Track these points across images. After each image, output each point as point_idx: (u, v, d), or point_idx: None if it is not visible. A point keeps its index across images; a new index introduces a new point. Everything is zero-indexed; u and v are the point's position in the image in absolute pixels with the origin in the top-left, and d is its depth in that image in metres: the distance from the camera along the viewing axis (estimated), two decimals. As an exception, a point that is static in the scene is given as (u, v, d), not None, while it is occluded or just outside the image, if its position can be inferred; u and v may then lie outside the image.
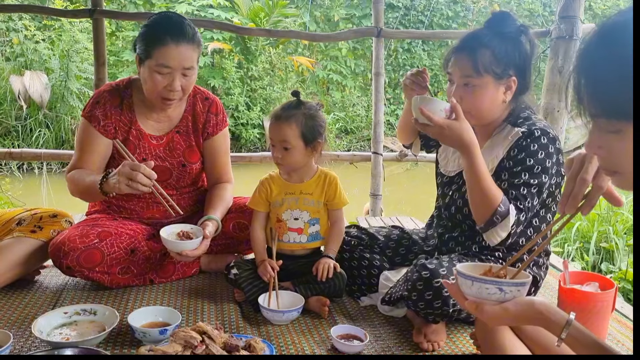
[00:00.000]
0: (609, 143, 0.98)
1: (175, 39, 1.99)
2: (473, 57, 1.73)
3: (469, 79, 1.74)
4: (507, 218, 1.64)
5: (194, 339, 1.53)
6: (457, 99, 1.75)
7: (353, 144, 10.01)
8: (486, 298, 1.18)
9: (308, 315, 1.95)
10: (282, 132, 1.96)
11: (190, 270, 2.27)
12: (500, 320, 1.21)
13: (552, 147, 1.71)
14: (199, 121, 2.26)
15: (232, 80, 9.21)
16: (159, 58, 1.99)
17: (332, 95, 10.50)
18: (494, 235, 1.68)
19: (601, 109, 0.96)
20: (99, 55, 3.28)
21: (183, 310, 1.95)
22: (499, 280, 1.18)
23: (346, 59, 10.68)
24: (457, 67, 1.77)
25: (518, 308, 1.17)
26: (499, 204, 1.64)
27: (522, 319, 1.18)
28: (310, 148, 1.99)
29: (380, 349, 1.75)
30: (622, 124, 0.94)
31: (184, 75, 2.04)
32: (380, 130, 3.73)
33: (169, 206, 1.99)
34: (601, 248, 3.49)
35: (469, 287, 1.20)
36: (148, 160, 2.15)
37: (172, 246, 1.96)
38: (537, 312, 1.15)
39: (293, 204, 2.06)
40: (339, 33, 4.66)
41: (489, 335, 1.44)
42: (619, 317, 2.03)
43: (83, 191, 2.07)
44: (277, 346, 1.73)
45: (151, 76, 2.02)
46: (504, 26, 1.76)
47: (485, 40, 1.74)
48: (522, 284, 1.18)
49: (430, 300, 1.67)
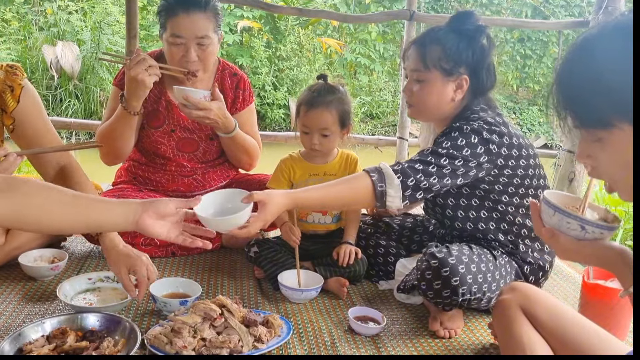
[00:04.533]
0: (595, 152, 0.98)
1: (185, 8, 2.00)
2: (423, 51, 1.74)
3: (418, 73, 1.76)
4: (382, 174, 1.65)
5: (213, 311, 1.55)
6: (408, 93, 1.80)
7: (378, 129, 9.93)
8: (565, 232, 1.15)
9: (326, 295, 1.96)
10: (322, 119, 1.95)
11: (212, 245, 2.29)
12: (572, 254, 1.19)
13: (475, 137, 1.67)
14: (227, 96, 2.26)
15: (260, 60, 9.19)
16: (172, 28, 2.02)
17: (359, 79, 10.41)
18: (393, 201, 1.65)
19: (578, 119, 0.99)
20: (131, 27, 3.30)
21: (203, 284, 1.98)
22: (583, 218, 1.13)
23: (375, 42, 10.56)
24: (410, 61, 1.79)
25: (595, 249, 1.14)
26: (365, 178, 1.67)
27: (595, 260, 1.16)
28: (344, 132, 2.01)
29: (396, 332, 1.75)
30: (601, 133, 0.94)
31: (199, 45, 2.04)
32: (407, 116, 3.70)
33: (183, 74, 2.05)
34: (626, 246, 3.43)
35: (550, 216, 1.17)
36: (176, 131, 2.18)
37: (177, 93, 1.98)
38: (617, 254, 1.12)
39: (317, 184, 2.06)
40: (371, 15, 4.61)
41: (506, 326, 1.44)
42: (641, 315, 2.00)
43: (111, 131, 2.08)
44: (295, 324, 1.74)
45: (168, 48, 2.05)
46: (463, 24, 1.76)
47: (439, 36, 1.75)
48: (608, 227, 1.13)
49: (439, 289, 1.67)
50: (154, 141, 2.20)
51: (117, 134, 2.09)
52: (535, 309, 1.42)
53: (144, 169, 2.28)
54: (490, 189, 1.78)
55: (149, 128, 2.19)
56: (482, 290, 1.68)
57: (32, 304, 1.75)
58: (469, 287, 1.65)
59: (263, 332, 1.58)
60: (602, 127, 0.96)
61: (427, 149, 1.73)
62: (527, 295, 1.44)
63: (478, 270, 1.68)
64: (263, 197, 1.53)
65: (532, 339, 1.39)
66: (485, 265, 1.71)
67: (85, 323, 1.55)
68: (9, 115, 1.87)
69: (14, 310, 1.71)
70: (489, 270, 1.71)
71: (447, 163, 1.67)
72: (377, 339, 1.70)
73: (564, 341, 1.36)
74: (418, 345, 1.69)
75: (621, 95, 0.92)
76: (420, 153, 1.73)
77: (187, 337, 1.50)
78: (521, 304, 1.44)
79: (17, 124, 1.89)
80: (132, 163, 2.31)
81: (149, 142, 2.21)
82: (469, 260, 1.67)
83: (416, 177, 1.66)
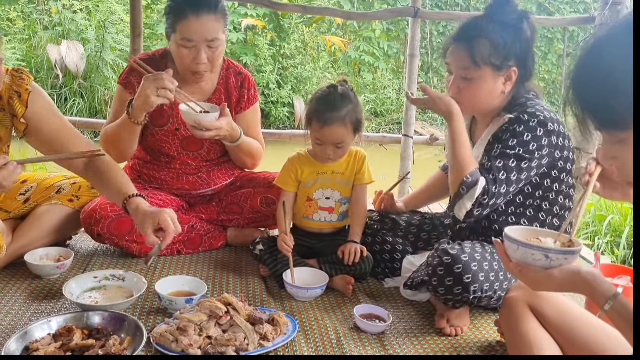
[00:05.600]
0: (620, 154, 0.97)
1: (195, 11, 1.99)
2: (470, 48, 1.69)
3: (467, 71, 1.71)
4: (474, 189, 1.63)
5: (219, 309, 1.55)
6: (455, 90, 1.75)
7: (382, 126, 9.91)
8: (531, 263, 1.17)
9: (332, 293, 1.96)
10: (338, 134, 1.93)
11: (217, 243, 2.30)
12: (542, 285, 1.20)
13: (540, 129, 1.66)
14: (232, 95, 2.26)
15: (263, 58, 9.18)
16: (182, 32, 2.01)
17: (363, 77, 10.38)
18: (460, 208, 1.68)
19: (598, 122, 0.97)
20: (135, 25, 3.30)
21: (209, 281, 1.98)
22: (546, 247, 1.16)
23: (379, 40, 10.53)
24: (455, 58, 1.74)
25: (563, 275, 1.15)
26: (467, 174, 1.64)
27: (566, 286, 1.17)
28: (357, 135, 2.00)
29: (402, 330, 1.75)
30: (624, 134, 0.93)
31: (209, 47, 2.04)
32: (412, 113, 3.69)
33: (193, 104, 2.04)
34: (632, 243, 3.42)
35: (514, 250, 1.20)
36: (180, 129, 2.18)
37: (187, 117, 1.99)
38: (582, 280, 1.14)
39: (325, 183, 2.07)
40: (375, 12, 4.57)
41: (513, 323, 1.44)
42: (649, 313, 1.99)
43: (115, 135, 2.08)
44: (300, 321, 1.74)
45: (178, 50, 2.05)
46: (504, 13, 1.70)
47: (484, 30, 1.69)
48: (571, 252, 1.16)
49: (450, 286, 1.66)
50: (159, 139, 2.20)
51: (121, 138, 2.10)
52: (542, 306, 1.41)
53: (149, 167, 2.28)
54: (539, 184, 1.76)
55: (153, 127, 2.18)
56: (493, 288, 1.67)
57: (38, 302, 1.75)
58: (481, 285, 1.64)
59: (269, 330, 1.58)
60: (623, 129, 0.94)
61: (495, 150, 1.70)
62: (534, 292, 1.43)
63: (490, 268, 1.67)
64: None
65: (538, 336, 1.38)
66: (498, 264, 1.70)
67: (91, 321, 1.55)
68: (19, 121, 1.88)
69: (20, 308, 1.71)
70: (501, 269, 1.70)
71: (513, 165, 1.66)
72: (383, 336, 1.70)
73: (571, 338, 1.35)
74: (424, 342, 1.69)
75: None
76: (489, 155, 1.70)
77: (192, 335, 1.50)
78: (528, 301, 1.43)
79: (30, 128, 1.89)
80: (137, 161, 2.31)
81: (154, 140, 2.21)
82: (481, 258, 1.67)
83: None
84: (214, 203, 2.32)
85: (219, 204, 2.31)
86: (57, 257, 1.99)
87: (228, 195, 2.32)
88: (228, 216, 2.29)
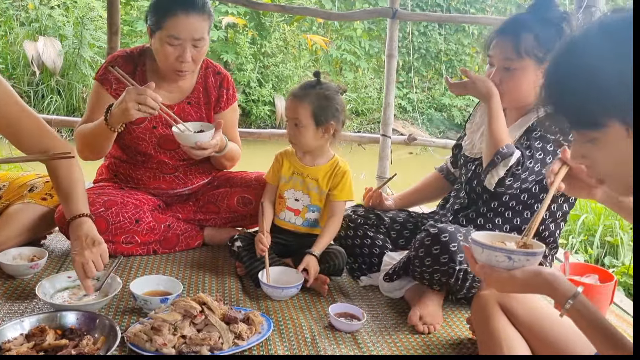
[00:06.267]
0: (590, 153, 1.00)
1: (185, 10, 1.99)
2: (516, 40, 1.75)
3: (510, 62, 1.78)
4: (509, 159, 1.71)
5: (193, 308, 1.56)
6: (497, 81, 1.80)
7: (363, 125, 9.96)
8: (495, 265, 1.21)
9: (307, 292, 1.97)
10: (295, 109, 1.98)
11: (193, 243, 2.29)
12: (506, 286, 1.23)
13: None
14: (211, 95, 2.27)
15: (245, 56, 9.16)
16: (169, 29, 2.00)
17: (345, 76, 10.41)
18: (492, 176, 1.74)
19: (571, 121, 1.00)
20: (112, 23, 3.28)
21: (185, 281, 1.98)
22: (508, 249, 1.20)
23: (361, 39, 10.57)
24: (499, 50, 1.80)
25: (525, 276, 1.18)
26: (504, 145, 1.72)
27: (529, 286, 1.20)
28: (322, 130, 1.98)
29: (377, 328, 1.77)
30: (595, 133, 0.96)
31: (194, 47, 2.04)
32: (391, 113, 3.71)
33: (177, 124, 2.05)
34: (606, 242, 3.49)
35: (479, 253, 1.23)
36: (158, 128, 2.17)
37: (185, 139, 2.00)
38: (544, 281, 1.17)
39: (298, 184, 2.08)
40: (354, 12, 4.60)
41: (484, 321, 1.46)
42: (618, 311, 2.04)
43: (90, 137, 2.06)
44: (276, 320, 1.75)
45: (162, 48, 2.04)
46: (547, 11, 1.78)
47: (529, 25, 1.76)
48: (533, 254, 1.20)
49: (437, 255, 1.70)
50: (135, 137, 2.19)
51: (96, 141, 2.09)
52: (513, 304, 1.44)
53: (125, 166, 2.27)
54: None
55: (130, 124, 2.17)
56: None
57: (11, 303, 1.74)
58: (465, 259, 1.68)
59: (244, 329, 1.59)
60: (595, 128, 0.97)
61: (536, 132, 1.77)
62: None
63: None
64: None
65: (509, 334, 1.41)
66: None
67: (64, 321, 1.55)
68: None
69: (-7, 308, 1.70)
70: None
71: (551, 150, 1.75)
72: (357, 335, 1.72)
73: (540, 336, 1.38)
74: (397, 341, 1.71)
75: (611, 95, 0.94)
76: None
77: (167, 334, 1.50)
78: (499, 300, 1.46)
79: None
80: (113, 160, 2.30)
81: (130, 138, 2.20)
82: (466, 233, 1.72)
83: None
84: (191, 203, 2.32)
85: (196, 204, 2.31)
86: (31, 257, 1.97)
87: (205, 194, 2.32)
88: (205, 216, 2.29)
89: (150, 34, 2.09)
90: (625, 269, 3.06)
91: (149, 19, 2.08)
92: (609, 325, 1.10)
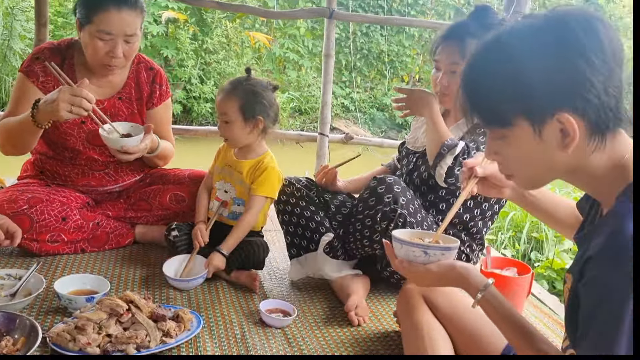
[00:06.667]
0: (501, 149, 1.07)
1: (116, 5, 1.95)
2: (461, 45, 1.83)
3: (457, 65, 1.85)
4: (454, 148, 1.79)
5: (119, 307, 1.53)
6: (445, 84, 1.88)
7: (306, 124, 10.00)
8: (413, 260, 1.26)
9: (240, 289, 1.98)
10: (223, 104, 1.98)
11: (124, 241, 2.24)
12: (423, 280, 1.29)
13: None
14: (143, 90, 2.23)
15: (185, 52, 9.02)
16: (100, 24, 1.95)
17: (288, 74, 10.42)
18: (442, 167, 1.81)
19: (483, 120, 1.06)
20: (40, 14, 3.15)
21: (114, 279, 1.95)
22: (424, 245, 1.26)
23: (304, 38, 10.61)
24: (445, 55, 1.88)
25: (440, 269, 1.25)
26: (448, 138, 1.81)
27: (443, 280, 1.27)
28: (250, 125, 1.99)
29: (307, 323, 1.80)
30: (504, 131, 1.03)
31: (126, 42, 2.01)
32: (328, 112, 3.74)
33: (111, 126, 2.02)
34: (532, 238, 3.66)
35: (398, 249, 1.28)
36: (87, 122, 2.12)
37: (111, 142, 1.97)
38: (457, 274, 1.23)
39: (227, 176, 2.09)
40: (292, 11, 4.62)
41: (408, 313, 1.51)
42: (536, 302, 2.15)
43: (13, 132, 1.99)
44: (206, 317, 1.75)
45: (92, 42, 1.99)
46: (487, 18, 1.85)
47: (472, 30, 1.83)
48: (447, 248, 1.26)
49: (381, 194, 1.80)
50: (63, 132, 2.12)
51: (20, 137, 2.01)
52: (436, 297, 1.50)
53: (52, 162, 2.19)
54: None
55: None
56: (416, 217, 1.81)
57: None
58: (407, 204, 1.79)
59: (172, 327, 1.58)
60: (504, 126, 1.03)
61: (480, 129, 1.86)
62: None
63: (412, 198, 1.84)
64: None
65: (431, 325, 1.47)
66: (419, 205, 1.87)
67: (-18, 322, 1.49)
68: None
69: None
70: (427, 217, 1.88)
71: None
72: (288, 330, 1.74)
73: (460, 327, 1.45)
74: (327, 335, 1.74)
75: (518, 95, 0.99)
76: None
77: (91, 333, 1.47)
78: (423, 293, 1.52)
79: None
80: (39, 157, 2.22)
81: (57, 133, 2.12)
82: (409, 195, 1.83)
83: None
84: (121, 200, 2.27)
85: (127, 201, 2.26)
86: None
87: (137, 192, 2.28)
88: (136, 213, 2.25)
89: (79, 27, 2.04)
90: (549, 263, 3.23)
91: (77, 11, 2.02)
92: (516, 315, 1.17)
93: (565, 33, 0.96)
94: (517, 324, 1.15)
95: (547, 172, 1.06)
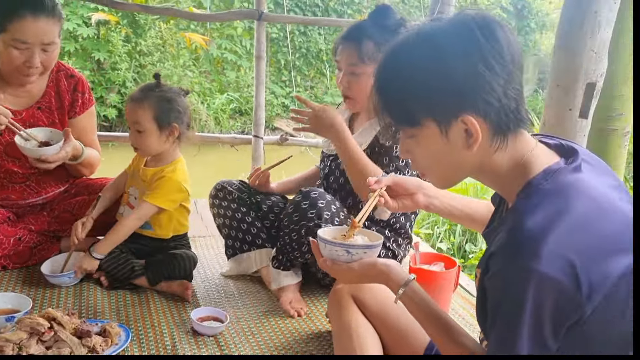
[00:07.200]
0: (411, 147, 1.11)
1: (33, 12, 1.88)
2: (358, 46, 1.84)
3: (355, 67, 1.86)
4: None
5: (40, 325, 1.49)
6: (345, 85, 1.89)
7: (247, 125, 9.92)
8: (337, 259, 1.27)
9: (172, 298, 1.96)
10: (134, 113, 1.92)
11: (49, 255, 2.15)
12: (346, 277, 1.31)
13: None
14: (64, 99, 2.16)
15: (119, 55, 8.76)
16: (14, 33, 1.88)
17: (227, 75, 10.32)
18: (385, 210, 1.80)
19: (394, 119, 1.10)
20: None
21: (37, 297, 1.88)
22: (347, 244, 1.27)
23: (241, 38, 10.53)
24: (344, 56, 1.88)
25: (362, 267, 1.26)
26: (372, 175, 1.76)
27: (366, 277, 1.28)
28: (165, 133, 1.95)
29: (240, 329, 1.80)
30: (413, 130, 1.07)
31: (44, 51, 1.94)
32: (262, 114, 3.71)
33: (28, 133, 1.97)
34: (467, 230, 3.78)
35: (323, 249, 1.29)
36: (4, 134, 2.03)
37: (29, 152, 1.92)
38: (379, 271, 1.25)
39: (136, 182, 2.06)
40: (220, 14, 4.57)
41: (338, 312, 1.53)
42: (464, 293, 2.23)
43: None
44: (136, 329, 1.72)
45: (7, 51, 1.91)
46: (385, 19, 1.87)
47: (369, 32, 1.84)
48: (369, 246, 1.28)
49: (305, 210, 1.81)
50: (-22, 146, 2.03)
51: None
52: (364, 296, 1.52)
53: (-32, 177, 2.09)
54: None
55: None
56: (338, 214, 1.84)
57: None
58: (330, 219, 1.80)
59: (98, 342, 1.54)
60: (413, 126, 1.06)
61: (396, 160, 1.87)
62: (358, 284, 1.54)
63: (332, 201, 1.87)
64: None
65: (359, 323, 1.49)
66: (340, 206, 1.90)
67: None
68: None
69: None
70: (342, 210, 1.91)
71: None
72: (220, 337, 1.73)
73: (387, 324, 1.48)
74: (261, 340, 1.75)
75: (424, 97, 1.03)
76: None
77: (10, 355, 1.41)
78: (352, 293, 1.54)
79: None
80: (-47, 171, 2.11)
81: (-28, 147, 2.03)
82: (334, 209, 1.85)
83: None
84: (45, 213, 2.19)
85: (51, 214, 2.18)
86: None
87: (61, 203, 2.21)
88: (61, 226, 2.17)
89: None
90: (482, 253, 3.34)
91: None
92: (438, 310, 1.21)
93: (467, 37, 1.01)
94: (438, 319, 1.19)
95: (456, 171, 1.11)
